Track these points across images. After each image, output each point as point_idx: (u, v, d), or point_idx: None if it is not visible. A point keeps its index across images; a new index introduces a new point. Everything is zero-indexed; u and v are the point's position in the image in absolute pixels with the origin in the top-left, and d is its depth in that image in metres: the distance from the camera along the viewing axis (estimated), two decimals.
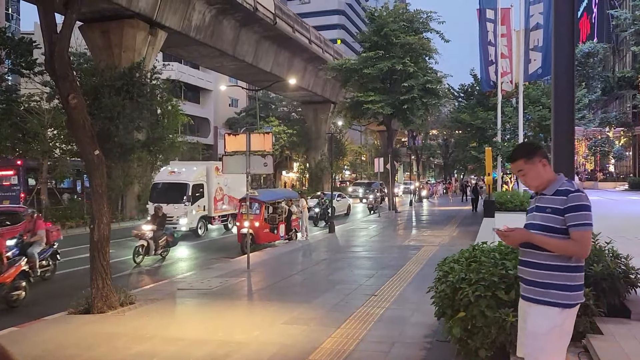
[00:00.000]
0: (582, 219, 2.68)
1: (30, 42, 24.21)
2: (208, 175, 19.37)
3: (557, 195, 2.76)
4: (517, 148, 2.94)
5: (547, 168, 2.86)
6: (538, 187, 2.88)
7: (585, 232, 2.68)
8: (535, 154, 2.84)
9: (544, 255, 2.75)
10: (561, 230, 2.71)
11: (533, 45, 20.49)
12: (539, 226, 2.78)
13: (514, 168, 2.92)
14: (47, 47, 7.38)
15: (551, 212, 2.74)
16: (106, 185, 8.11)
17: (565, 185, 2.78)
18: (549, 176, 2.85)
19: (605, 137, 43.84)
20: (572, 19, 5.18)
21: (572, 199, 2.71)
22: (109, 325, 6.86)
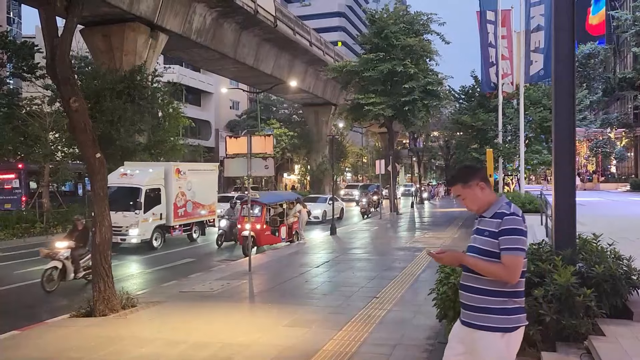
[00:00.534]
0: (513, 243, 2.63)
1: (32, 45, 24.29)
2: (167, 177, 16.76)
3: (494, 218, 2.73)
4: (455, 172, 2.92)
5: (486, 190, 2.83)
6: (478, 210, 2.84)
7: (514, 257, 2.62)
8: (472, 178, 2.81)
9: (481, 280, 2.71)
10: (496, 254, 2.67)
11: (534, 47, 20.51)
12: (477, 249, 2.75)
13: (453, 192, 2.90)
14: (49, 51, 7.40)
15: (488, 236, 2.71)
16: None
17: (502, 208, 2.74)
18: (488, 199, 2.82)
19: (607, 138, 43.80)
20: (572, 20, 5.18)
21: (506, 222, 2.67)
22: (111, 328, 6.86)
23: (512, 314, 2.71)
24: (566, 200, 5.10)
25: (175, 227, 16.88)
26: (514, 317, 2.72)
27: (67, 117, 8.55)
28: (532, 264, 4.66)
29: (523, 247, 2.66)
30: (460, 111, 31.83)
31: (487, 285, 2.69)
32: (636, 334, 4.32)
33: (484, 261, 2.68)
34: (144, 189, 15.74)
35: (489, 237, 2.70)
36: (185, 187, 17.29)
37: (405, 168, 68.41)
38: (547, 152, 24.99)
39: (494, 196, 2.83)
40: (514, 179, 30.14)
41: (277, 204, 16.44)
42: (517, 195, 20.24)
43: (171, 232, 16.89)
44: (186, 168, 17.59)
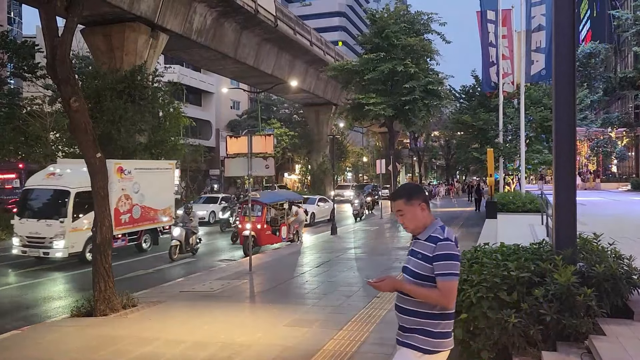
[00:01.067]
0: (447, 268, 2.65)
1: (32, 45, 24.29)
2: None
3: (428, 242, 2.74)
4: (399, 188, 2.93)
5: (425, 212, 2.84)
6: (414, 231, 2.85)
7: (449, 282, 2.65)
8: (416, 197, 2.83)
9: (411, 302, 2.74)
10: (430, 278, 2.69)
11: (535, 47, 20.51)
12: (410, 272, 2.78)
13: (395, 207, 2.88)
14: (49, 51, 7.40)
15: (421, 259, 2.73)
16: (108, 188, 8.12)
17: (436, 232, 2.76)
18: (425, 221, 2.83)
19: (608, 138, 43.78)
20: (572, 20, 5.18)
21: (441, 247, 2.68)
22: (111, 328, 6.86)
23: (435, 337, 2.73)
24: (567, 200, 5.09)
25: (117, 236, 14.00)
26: (436, 341, 2.74)
27: (67, 117, 8.55)
28: (532, 264, 4.66)
29: (457, 272, 2.68)
30: (460, 111, 31.82)
31: (417, 307, 2.73)
32: (637, 333, 4.31)
33: (420, 287, 2.70)
34: (73, 191, 13.23)
35: (423, 260, 2.72)
36: (131, 189, 14.62)
37: (405, 168, 68.41)
38: (547, 152, 24.99)
39: (430, 219, 2.84)
40: (514, 178, 30.11)
41: (277, 204, 16.43)
42: (518, 195, 20.23)
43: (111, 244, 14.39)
44: (132, 166, 15.03)
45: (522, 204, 18.71)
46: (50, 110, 22.50)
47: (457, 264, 2.69)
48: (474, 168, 36.89)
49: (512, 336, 4.27)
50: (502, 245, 5.41)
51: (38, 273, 12.14)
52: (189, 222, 14.11)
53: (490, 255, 5.06)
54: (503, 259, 4.87)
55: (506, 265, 4.66)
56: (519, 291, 4.44)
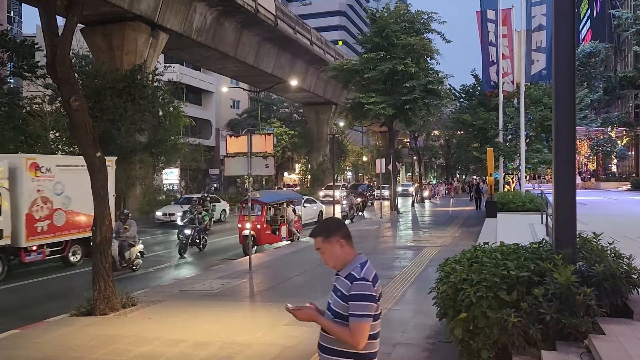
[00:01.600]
0: (360, 309, 2.56)
1: (32, 44, 24.31)
2: (14, 176, 11.62)
3: (347, 279, 2.65)
4: (319, 226, 2.81)
5: (346, 249, 2.73)
6: (335, 267, 2.75)
7: (360, 323, 2.55)
8: (334, 234, 2.72)
9: (333, 341, 2.66)
10: (347, 317, 2.60)
11: (536, 46, 20.50)
12: (331, 309, 2.69)
13: (315, 245, 2.77)
14: (49, 50, 7.39)
15: (340, 297, 2.65)
16: (108, 187, 8.13)
17: (355, 270, 2.66)
18: (345, 257, 2.73)
19: (608, 137, 43.78)
20: (572, 19, 5.18)
21: (356, 287, 2.59)
22: (111, 327, 6.86)
23: None
24: (567, 199, 5.09)
25: (30, 248, 11.81)
26: None
27: (67, 116, 8.55)
28: (532, 263, 4.67)
29: (370, 314, 2.58)
30: (460, 110, 31.80)
31: (337, 345, 2.65)
32: (636, 333, 4.31)
33: (334, 324, 2.62)
34: None
35: (341, 298, 2.63)
36: (51, 191, 12.24)
37: (405, 167, 68.42)
38: (547, 151, 24.97)
39: (352, 255, 2.74)
40: (514, 178, 30.11)
41: (277, 203, 16.42)
42: (518, 195, 20.23)
43: (22, 257, 11.71)
44: (53, 163, 12.62)
45: (522, 203, 18.70)
46: (50, 109, 22.51)
47: (371, 305, 2.58)
48: (473, 167, 36.89)
49: (511, 335, 4.28)
50: (502, 245, 5.41)
51: (37, 272, 12.14)
52: (124, 231, 11.87)
53: (490, 254, 5.06)
54: (503, 258, 4.88)
55: (506, 264, 4.66)
56: (518, 290, 4.44)
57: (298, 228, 17.03)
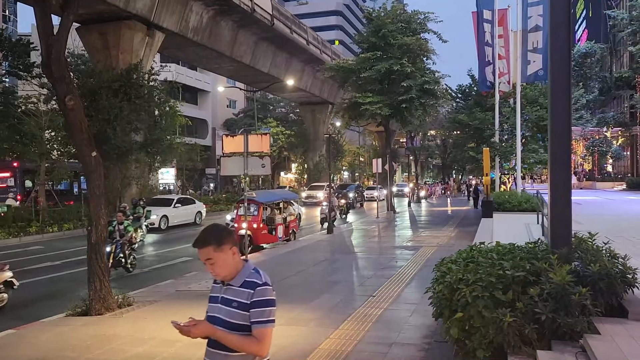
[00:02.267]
0: (265, 315, 2.45)
1: (28, 43, 24.21)
2: None
3: (244, 287, 2.50)
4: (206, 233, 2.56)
5: (237, 256, 2.57)
6: (226, 277, 2.56)
7: (266, 329, 2.46)
8: (226, 241, 2.52)
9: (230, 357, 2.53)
10: (246, 327, 2.48)
11: (532, 47, 20.55)
12: (223, 322, 2.53)
13: (202, 255, 2.52)
14: (44, 49, 7.36)
15: (237, 307, 2.49)
16: (103, 187, 8.10)
17: (253, 277, 2.52)
18: (237, 265, 2.56)
19: (603, 137, 43.97)
20: (568, 19, 5.19)
21: (259, 293, 2.46)
22: (107, 327, 6.84)
23: None
24: (562, 199, 5.11)
25: None
26: None
27: (62, 116, 8.52)
28: (527, 263, 4.68)
29: (274, 318, 2.51)
30: (457, 110, 31.90)
31: None
32: (631, 332, 4.33)
33: (235, 335, 2.49)
34: None
35: (238, 308, 2.48)
36: None
37: (402, 167, 68.48)
38: (543, 151, 25.05)
39: (242, 263, 2.59)
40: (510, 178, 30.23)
41: (274, 203, 16.42)
42: (514, 194, 20.29)
43: None
44: None
45: (517, 203, 18.76)
46: (46, 108, 22.43)
47: (274, 310, 2.50)
48: (470, 167, 37.00)
49: (507, 335, 4.28)
50: (498, 244, 5.42)
51: (34, 272, 12.09)
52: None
53: (486, 254, 5.08)
54: (499, 258, 4.89)
55: (502, 264, 4.67)
56: (514, 290, 4.45)
57: (295, 227, 17.03)
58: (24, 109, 23.00)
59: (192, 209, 23.54)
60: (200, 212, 24.23)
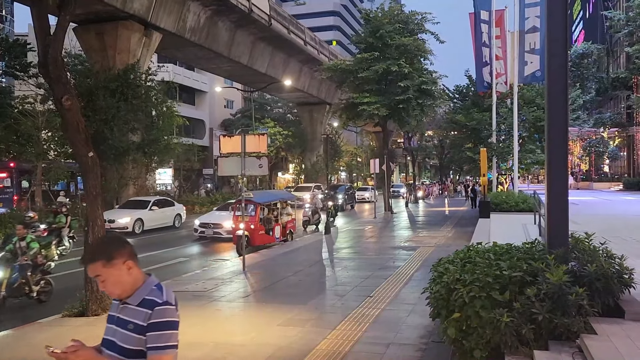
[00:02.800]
0: (164, 340, 2.11)
1: (24, 44, 24.19)
2: None
3: (142, 307, 2.15)
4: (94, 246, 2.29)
5: (134, 270, 2.20)
6: (121, 295, 2.21)
7: (164, 356, 2.11)
8: (119, 255, 2.18)
9: None
10: (143, 354, 2.13)
11: (529, 48, 20.61)
12: (119, 348, 2.16)
13: (90, 272, 2.21)
14: (41, 49, 7.34)
15: (133, 330, 2.13)
16: (100, 187, 8.08)
17: (153, 294, 2.17)
18: (134, 281, 2.20)
19: (600, 138, 44.09)
20: (565, 20, 5.20)
21: (158, 313, 2.12)
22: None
23: None
24: (559, 199, 5.12)
25: None
26: None
27: (59, 116, 8.50)
28: (524, 263, 4.68)
29: (175, 344, 2.16)
30: (454, 110, 31.92)
31: None
32: (628, 332, 4.34)
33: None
34: None
35: (134, 332, 2.13)
36: None
37: (399, 167, 68.55)
38: (540, 152, 25.13)
39: (142, 277, 2.23)
40: (507, 178, 30.29)
41: (271, 203, 16.40)
42: (511, 195, 20.32)
43: None
44: None
45: (515, 203, 18.80)
46: (42, 109, 22.38)
47: (175, 334, 2.16)
48: (467, 168, 37.06)
49: (504, 335, 4.29)
50: (495, 245, 5.43)
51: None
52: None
53: (483, 254, 5.08)
54: (496, 258, 4.89)
55: (499, 264, 4.68)
56: (511, 290, 4.46)
57: (292, 228, 17.03)
58: (21, 109, 22.94)
59: (171, 211, 22.06)
60: (179, 215, 22.66)
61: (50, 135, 22.28)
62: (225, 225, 17.02)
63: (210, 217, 18.39)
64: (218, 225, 17.32)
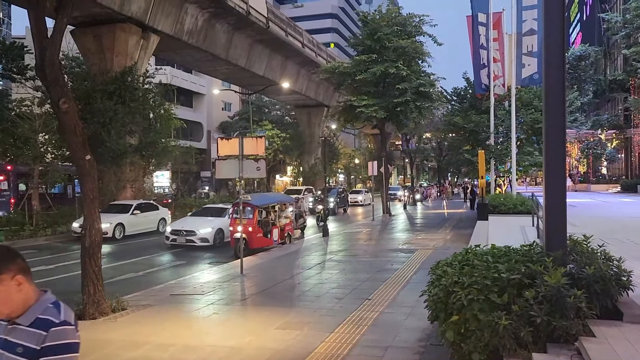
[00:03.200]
0: None
1: (22, 46, 24.15)
2: None
3: (35, 328, 1.90)
4: None
5: (25, 287, 1.94)
6: (10, 315, 1.94)
7: None
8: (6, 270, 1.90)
9: None
10: None
11: (526, 50, 20.64)
12: None
13: None
14: (38, 52, 7.32)
15: (23, 354, 1.88)
16: (98, 190, 8.06)
17: (48, 313, 1.93)
18: (26, 298, 1.94)
19: (598, 140, 44.21)
20: (562, 22, 5.21)
21: (54, 335, 1.88)
22: (101, 332, 6.80)
23: None
24: (557, 202, 5.12)
25: None
26: None
27: (57, 119, 8.48)
28: (523, 265, 4.68)
29: None
30: (452, 113, 31.97)
31: None
32: (626, 334, 4.33)
33: None
34: None
35: (25, 356, 1.88)
36: None
37: (398, 169, 68.58)
38: (538, 154, 25.16)
39: (34, 294, 1.97)
40: (505, 180, 30.33)
41: (269, 206, 16.37)
42: (509, 197, 20.33)
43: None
44: None
45: (513, 205, 18.81)
46: (40, 111, 22.33)
47: (76, 357, 1.93)
48: (465, 170, 37.13)
49: (502, 338, 4.28)
50: (493, 247, 5.42)
51: None
52: None
53: (481, 257, 5.07)
54: (494, 260, 4.88)
55: (497, 267, 4.67)
56: (509, 293, 4.45)
57: (290, 230, 17.01)
58: (18, 111, 22.88)
59: (154, 215, 21.01)
60: (164, 219, 21.44)
61: (47, 138, 22.24)
62: (200, 232, 16.15)
63: (184, 223, 17.07)
64: (191, 233, 16.16)
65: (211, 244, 16.25)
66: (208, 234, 16.27)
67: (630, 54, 34.60)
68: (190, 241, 16.04)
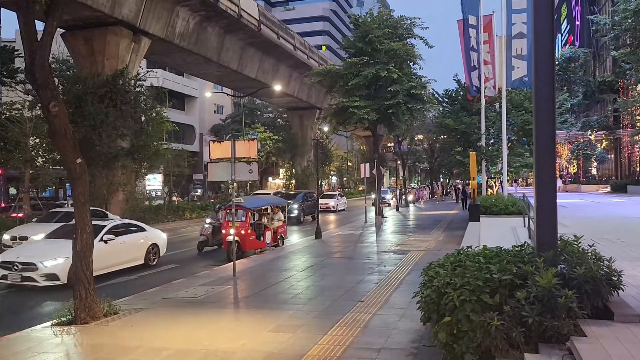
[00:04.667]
0: None
1: (12, 50, 23.97)
2: None
3: None
4: None
5: None
6: None
7: None
8: None
9: None
10: None
11: (516, 53, 20.77)
12: None
13: None
14: (28, 55, 7.28)
15: None
16: (89, 193, 8.01)
17: None
18: None
19: (588, 141, 44.55)
20: (551, 25, 5.26)
21: None
22: (92, 337, 6.75)
23: None
24: (547, 202, 5.16)
25: None
26: None
27: (47, 122, 8.42)
28: (514, 266, 4.71)
29: None
30: (443, 114, 32.07)
31: None
32: (617, 334, 4.37)
33: None
34: None
35: None
36: None
37: (390, 171, 68.69)
38: (529, 155, 25.30)
39: None
40: (497, 181, 30.47)
41: (261, 209, 16.35)
42: (501, 198, 20.44)
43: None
44: None
45: (504, 206, 18.91)
46: (30, 115, 22.19)
47: None
48: (457, 171, 37.27)
49: (494, 338, 4.30)
50: (485, 248, 5.45)
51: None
52: None
53: (473, 258, 5.10)
54: (486, 261, 4.91)
55: (489, 267, 4.70)
56: (501, 294, 4.48)
57: (283, 233, 17.00)
58: (8, 115, 22.72)
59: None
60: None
61: (38, 142, 22.10)
62: (47, 263, 10.32)
63: (22, 251, 11.20)
64: (30, 266, 10.35)
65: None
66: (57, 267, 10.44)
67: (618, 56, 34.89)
68: (29, 279, 10.43)
